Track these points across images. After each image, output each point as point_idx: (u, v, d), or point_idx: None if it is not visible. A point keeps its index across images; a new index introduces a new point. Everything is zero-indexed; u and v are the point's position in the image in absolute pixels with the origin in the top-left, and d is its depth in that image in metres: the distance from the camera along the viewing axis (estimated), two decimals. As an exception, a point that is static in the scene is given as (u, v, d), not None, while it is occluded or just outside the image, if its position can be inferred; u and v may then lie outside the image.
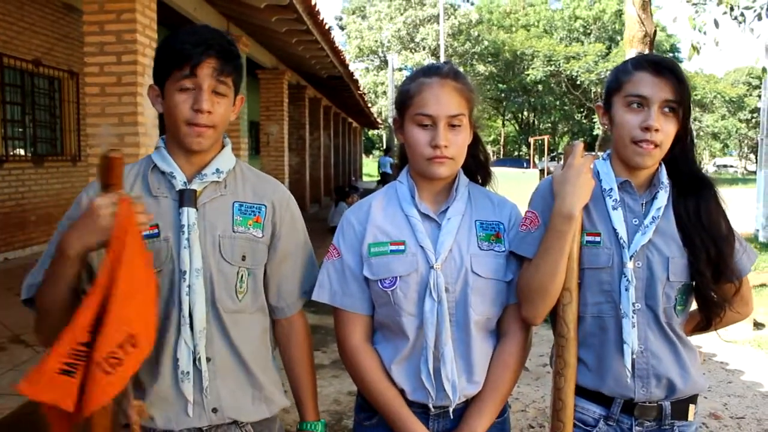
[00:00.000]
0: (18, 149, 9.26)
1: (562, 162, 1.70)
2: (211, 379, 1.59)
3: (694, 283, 1.70)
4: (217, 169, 1.64)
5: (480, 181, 1.86)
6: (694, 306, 1.76)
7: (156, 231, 1.57)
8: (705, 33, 9.12)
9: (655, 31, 8.52)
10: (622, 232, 1.67)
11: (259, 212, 1.68)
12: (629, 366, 1.65)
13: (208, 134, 1.59)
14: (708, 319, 1.72)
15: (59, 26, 9.76)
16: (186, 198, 1.59)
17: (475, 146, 1.79)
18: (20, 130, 9.30)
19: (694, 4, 9.23)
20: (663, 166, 1.73)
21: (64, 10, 9.77)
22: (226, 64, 1.58)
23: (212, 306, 1.59)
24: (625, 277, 1.65)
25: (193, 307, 1.55)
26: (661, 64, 1.66)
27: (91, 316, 1.37)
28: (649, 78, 1.65)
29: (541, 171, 24.64)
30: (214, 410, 1.60)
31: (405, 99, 1.70)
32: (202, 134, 1.58)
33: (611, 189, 1.70)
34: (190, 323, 1.55)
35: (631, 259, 1.65)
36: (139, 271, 1.43)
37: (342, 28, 46.92)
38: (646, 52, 8.18)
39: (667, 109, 1.64)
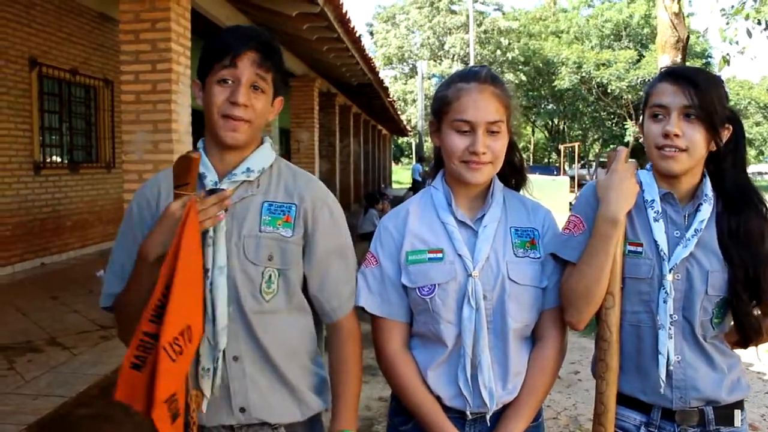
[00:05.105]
0: (55, 156, 9.46)
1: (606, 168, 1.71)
2: (239, 378, 1.59)
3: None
4: (248, 168, 1.63)
5: (514, 186, 1.86)
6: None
7: None
8: (737, 43, 8.97)
9: (688, 36, 8.40)
10: (663, 244, 1.66)
11: (288, 212, 1.63)
12: (663, 376, 1.64)
13: (243, 129, 1.59)
14: (745, 339, 1.70)
15: (95, 36, 9.97)
16: None
17: (511, 152, 1.78)
18: (57, 137, 9.50)
19: (725, 14, 9.09)
20: (707, 178, 1.72)
21: (99, 20, 9.97)
22: (265, 59, 1.59)
23: (237, 305, 1.58)
24: (663, 289, 1.64)
25: (215, 305, 1.54)
26: (677, 71, 1.67)
27: (154, 304, 1.42)
28: (668, 87, 1.66)
29: (572, 178, 24.43)
30: (242, 410, 1.59)
31: (442, 104, 1.70)
32: (237, 128, 1.58)
33: (653, 200, 1.70)
34: (212, 320, 1.55)
35: (670, 271, 1.64)
36: (195, 266, 1.47)
37: (372, 34, 47.16)
38: (679, 58, 8.09)
39: (690, 116, 1.63)
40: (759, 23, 8.67)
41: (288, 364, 1.63)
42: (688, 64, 9.60)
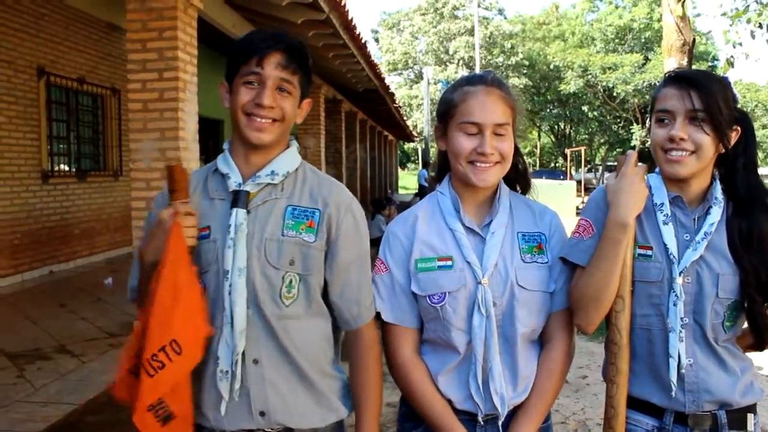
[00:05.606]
0: (62, 165, 9.50)
1: (615, 172, 1.70)
2: (258, 382, 1.57)
3: (745, 304, 1.66)
4: (272, 171, 1.62)
5: (519, 190, 1.86)
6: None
7: (207, 232, 1.60)
8: (741, 45, 8.94)
9: (694, 39, 8.38)
10: (673, 248, 1.66)
11: (312, 217, 1.62)
12: (674, 379, 1.64)
13: (270, 129, 1.59)
14: (760, 341, 1.69)
15: (102, 45, 10.03)
16: (238, 199, 1.59)
17: (515, 155, 1.78)
18: (65, 146, 9.55)
19: (729, 17, 9.07)
20: (717, 181, 1.72)
21: (107, 29, 10.03)
22: (291, 61, 1.58)
23: (256, 308, 1.57)
24: (673, 292, 1.64)
25: (233, 307, 1.54)
26: (681, 75, 1.67)
27: (144, 323, 1.46)
28: (673, 91, 1.66)
29: (578, 182, 24.39)
30: (262, 414, 1.57)
31: (449, 108, 1.70)
32: (262, 128, 1.58)
33: (662, 204, 1.70)
34: (231, 323, 1.54)
35: (680, 274, 1.64)
36: (182, 280, 1.47)
37: (377, 41, 47.34)
38: (685, 61, 8.07)
39: (695, 119, 1.63)
40: (760, 26, 8.66)
41: (310, 369, 1.62)
42: (694, 66, 9.56)
